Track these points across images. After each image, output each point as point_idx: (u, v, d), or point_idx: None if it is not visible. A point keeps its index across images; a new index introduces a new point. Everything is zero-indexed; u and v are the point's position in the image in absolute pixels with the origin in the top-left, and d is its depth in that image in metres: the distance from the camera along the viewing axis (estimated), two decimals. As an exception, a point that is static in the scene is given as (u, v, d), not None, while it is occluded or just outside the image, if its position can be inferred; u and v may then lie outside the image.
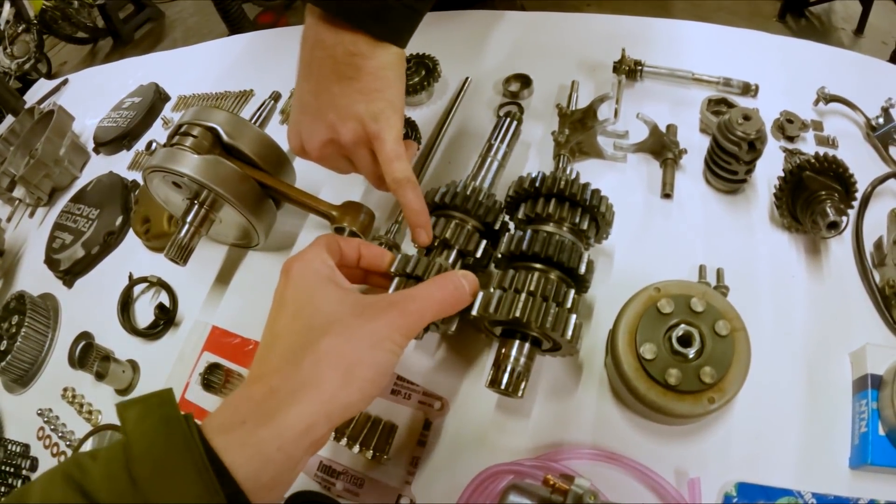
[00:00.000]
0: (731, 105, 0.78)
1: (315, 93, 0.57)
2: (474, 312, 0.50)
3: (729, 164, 0.67)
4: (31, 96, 1.61)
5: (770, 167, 0.70)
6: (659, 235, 0.69)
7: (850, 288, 0.63)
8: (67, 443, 0.76)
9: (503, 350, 0.51)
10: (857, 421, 0.55)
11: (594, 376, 0.59)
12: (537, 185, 0.56)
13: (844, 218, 0.60)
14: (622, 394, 0.56)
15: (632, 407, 0.57)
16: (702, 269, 0.64)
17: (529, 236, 0.53)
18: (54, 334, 0.90)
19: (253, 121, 0.90)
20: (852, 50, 0.90)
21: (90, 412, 0.77)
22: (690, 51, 0.89)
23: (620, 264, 0.67)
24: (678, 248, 0.67)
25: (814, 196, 0.62)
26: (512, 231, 0.57)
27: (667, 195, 0.71)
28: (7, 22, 5.04)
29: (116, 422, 0.72)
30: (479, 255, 0.57)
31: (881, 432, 0.52)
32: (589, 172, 0.74)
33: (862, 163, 0.70)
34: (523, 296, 0.49)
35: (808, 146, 0.75)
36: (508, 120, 0.70)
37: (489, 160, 0.67)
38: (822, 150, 0.65)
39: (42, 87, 1.64)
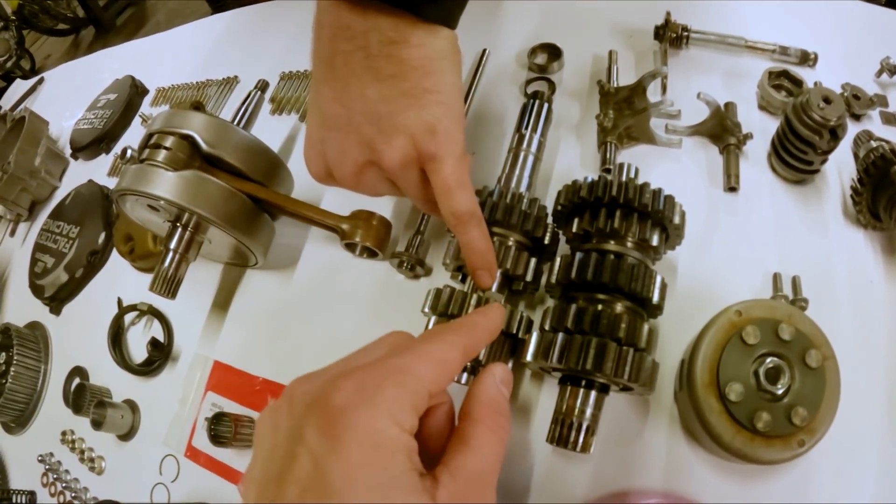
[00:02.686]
0: (793, 79, 0.69)
1: (342, 100, 0.44)
2: (528, 358, 0.43)
3: (805, 154, 0.59)
4: (8, 99, 1.56)
5: (843, 152, 0.62)
6: (726, 237, 0.61)
7: None
8: (73, 493, 0.73)
9: (567, 402, 0.44)
10: None
11: (663, 410, 0.53)
12: (599, 193, 0.47)
13: None
14: (698, 434, 0.49)
15: (708, 447, 0.50)
16: (776, 278, 0.57)
17: (595, 261, 0.45)
18: (47, 368, 0.86)
19: (236, 120, 0.81)
20: None
21: (92, 459, 0.73)
22: (738, 12, 0.79)
23: (686, 274, 0.59)
24: (748, 252, 0.59)
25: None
26: (568, 252, 0.49)
27: (731, 188, 0.63)
28: (-17, 22, 4.92)
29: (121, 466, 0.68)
30: (529, 278, 0.49)
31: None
32: (639, 161, 0.63)
33: None
34: (593, 340, 0.41)
35: (875, 124, 0.66)
36: (538, 103, 0.61)
37: (522, 155, 0.57)
38: (890, 137, 0.59)
39: (19, 87, 1.58)
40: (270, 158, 0.66)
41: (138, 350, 0.77)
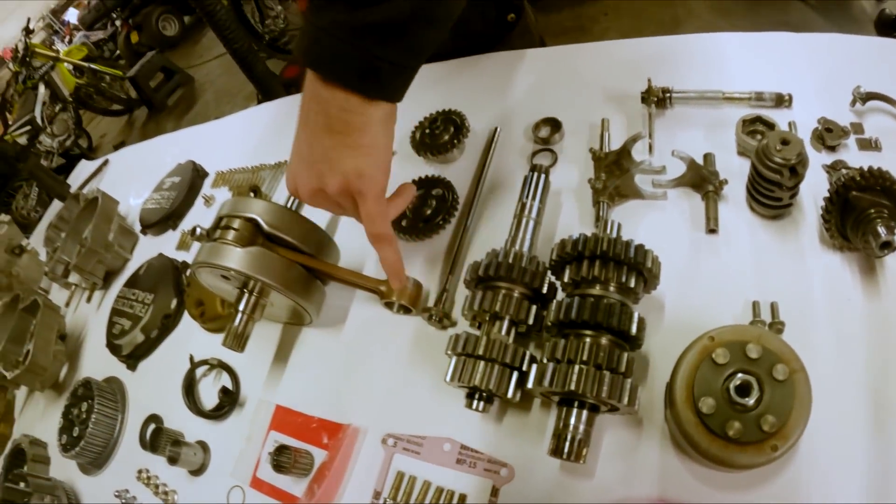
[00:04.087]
0: (766, 123, 0.79)
1: (309, 143, 0.63)
2: (529, 385, 0.54)
3: (772, 192, 0.68)
4: (75, 179, 1.79)
5: (814, 183, 0.70)
6: (708, 274, 0.70)
7: None
8: (150, 526, 0.84)
9: (562, 419, 0.55)
10: None
11: (656, 428, 0.62)
12: (580, 248, 0.60)
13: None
14: (685, 446, 0.58)
15: (695, 458, 0.59)
16: (755, 305, 0.65)
17: (577, 304, 0.57)
18: (123, 417, 0.99)
19: (290, 202, 0.98)
20: (872, 13, 0.89)
21: (166, 493, 0.85)
22: (717, 65, 0.90)
23: (672, 309, 0.69)
24: (729, 285, 0.68)
25: (863, 215, 0.61)
26: (560, 297, 0.61)
27: (712, 230, 0.72)
28: (44, 103, 5.52)
29: (192, 499, 0.81)
30: (531, 322, 0.61)
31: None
32: (630, 214, 0.77)
33: None
34: (577, 367, 0.53)
35: (851, 152, 0.74)
36: (536, 175, 0.75)
37: (524, 220, 0.71)
38: (866, 162, 0.63)
39: (84, 168, 1.80)
40: (320, 234, 0.82)
41: (208, 398, 0.90)
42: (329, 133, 0.61)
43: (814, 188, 0.71)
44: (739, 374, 0.56)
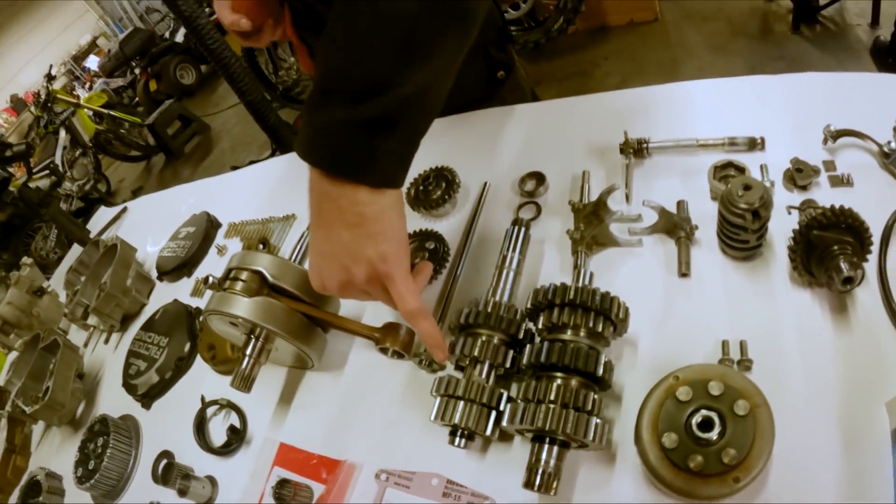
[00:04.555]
0: (737, 167, 0.84)
1: (328, 239, 0.66)
2: (504, 423, 0.60)
3: (738, 235, 0.72)
4: (94, 225, 1.89)
5: (785, 223, 0.74)
6: (680, 316, 0.75)
7: (880, 334, 0.65)
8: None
9: (534, 454, 0.61)
10: None
11: (628, 464, 0.66)
12: (550, 297, 0.67)
13: (860, 271, 0.63)
14: (653, 480, 0.63)
15: (664, 491, 0.62)
16: (725, 344, 0.69)
17: (547, 348, 0.63)
18: (137, 452, 1.05)
19: (294, 256, 1.05)
20: (868, 41, 0.94)
21: None
22: (695, 112, 0.97)
23: (646, 350, 0.74)
24: (700, 325, 0.73)
25: (827, 252, 0.65)
26: (535, 341, 0.67)
27: (684, 274, 0.78)
28: (64, 148, 5.74)
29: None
30: (507, 365, 0.67)
31: (921, 482, 0.52)
32: (607, 262, 0.84)
33: (881, 194, 0.75)
34: (546, 406, 0.59)
35: (823, 190, 0.79)
36: (516, 228, 0.82)
37: (505, 272, 0.78)
38: (838, 199, 0.68)
39: (103, 215, 1.90)
40: (320, 286, 0.88)
41: (217, 435, 0.96)
42: (345, 227, 0.63)
43: (784, 228, 0.73)
44: (702, 411, 0.60)
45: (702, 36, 3.66)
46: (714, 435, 0.59)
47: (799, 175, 0.80)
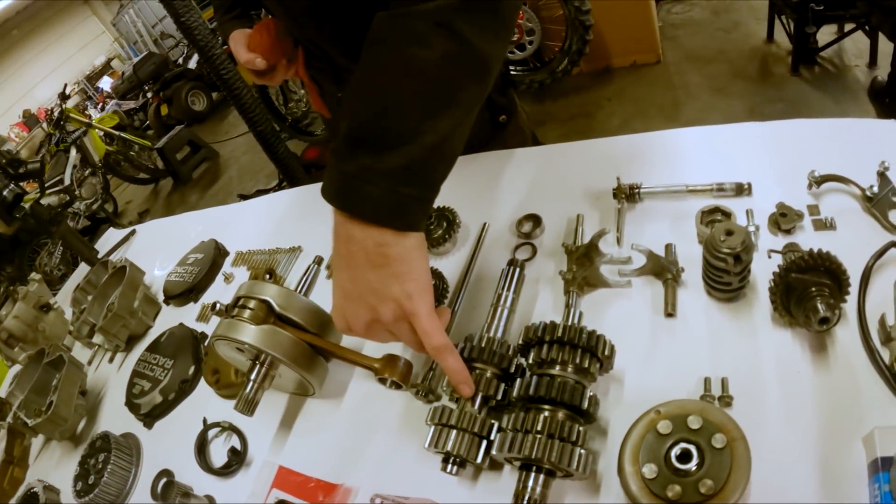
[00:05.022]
0: (724, 212, 0.89)
1: (353, 280, 0.69)
2: (493, 452, 0.64)
3: (721, 278, 0.76)
4: (102, 245, 1.93)
5: (768, 266, 0.77)
6: (665, 353, 0.80)
7: (858, 372, 0.68)
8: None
9: (521, 481, 0.65)
10: None
11: (612, 494, 0.69)
12: (540, 334, 0.71)
13: (837, 312, 0.67)
14: None
15: None
16: (707, 381, 0.73)
17: (536, 382, 0.68)
18: (137, 470, 1.08)
19: (300, 288, 1.10)
20: (866, 82, 0.98)
21: None
22: (687, 158, 1.03)
23: (631, 386, 0.78)
24: (684, 363, 0.77)
25: (805, 294, 0.68)
26: (526, 375, 0.72)
27: (669, 314, 0.82)
28: (74, 167, 5.84)
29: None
30: (499, 397, 0.72)
31: (897, 515, 0.53)
32: (598, 302, 0.88)
33: (863, 236, 0.78)
34: (531, 436, 0.63)
35: (807, 234, 0.83)
36: (511, 269, 0.87)
37: (500, 310, 0.83)
38: (821, 242, 0.72)
39: (112, 236, 1.95)
40: (323, 316, 0.93)
41: (218, 457, 0.99)
42: (371, 268, 0.66)
43: (766, 271, 0.76)
44: (681, 444, 0.64)
45: (703, 78, 3.76)
46: (692, 466, 0.62)
47: (783, 219, 0.84)
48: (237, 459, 0.96)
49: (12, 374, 1.43)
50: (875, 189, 0.81)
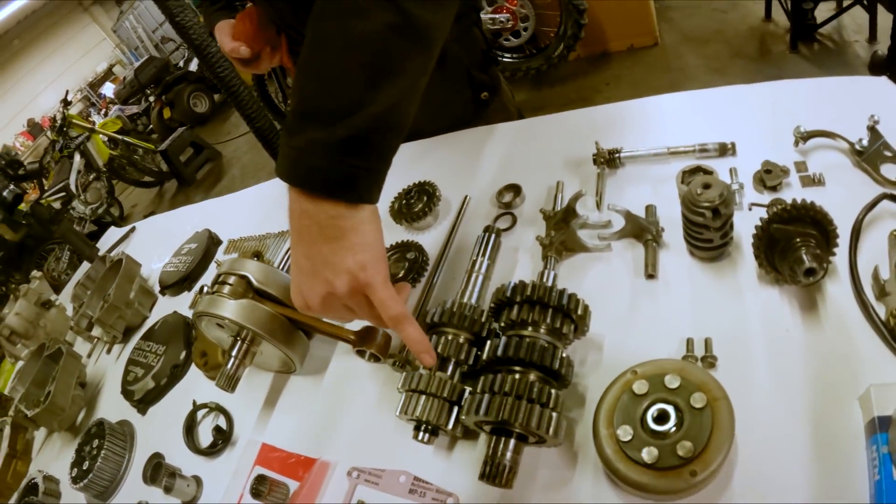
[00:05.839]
0: (706, 172, 0.86)
1: (308, 255, 0.68)
2: (463, 415, 0.62)
3: (701, 234, 0.73)
4: (104, 243, 1.95)
5: (755, 223, 0.71)
6: (646, 316, 0.77)
7: (852, 329, 0.64)
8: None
9: (491, 446, 0.63)
10: (870, 469, 0.53)
11: (589, 462, 0.67)
12: (510, 294, 0.69)
13: (825, 264, 0.63)
14: (611, 476, 0.63)
15: (624, 488, 0.62)
16: (689, 342, 0.70)
17: (506, 342, 0.66)
18: (130, 456, 1.09)
19: (281, 265, 1.09)
20: (866, 57, 0.95)
21: None
22: (671, 124, 1.00)
23: (611, 350, 0.76)
24: (666, 325, 0.74)
25: (789, 245, 0.65)
26: (497, 337, 0.69)
27: (650, 276, 0.79)
28: (78, 172, 5.87)
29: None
30: (471, 362, 0.70)
31: (896, 478, 0.49)
32: (576, 267, 0.86)
33: (854, 191, 0.75)
34: (499, 398, 0.61)
35: (794, 191, 0.80)
36: (486, 235, 0.86)
37: (474, 276, 0.81)
38: (807, 195, 0.69)
39: (113, 234, 1.97)
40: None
41: (206, 439, 0.99)
42: (325, 241, 0.66)
43: (751, 229, 0.72)
44: (658, 404, 0.60)
45: (701, 59, 3.70)
46: (670, 427, 0.59)
47: (768, 176, 0.81)
48: (222, 437, 0.95)
49: (16, 371, 1.43)
50: (864, 142, 0.78)
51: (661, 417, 0.60)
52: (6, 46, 11.22)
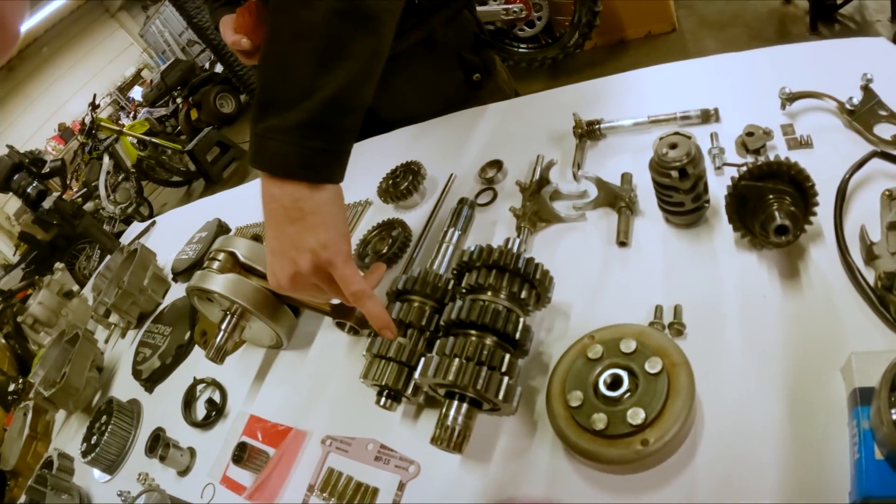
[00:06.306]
0: (684, 136, 0.83)
1: (277, 237, 0.71)
2: (416, 376, 0.63)
3: (671, 197, 0.71)
4: (126, 237, 2.07)
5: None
6: (616, 284, 0.75)
7: (837, 294, 0.60)
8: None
9: (445, 411, 0.63)
10: (850, 447, 0.49)
11: (547, 431, 0.64)
12: (472, 258, 0.69)
13: (799, 224, 0.60)
14: (564, 444, 0.60)
15: (579, 459, 0.60)
16: (658, 309, 0.68)
17: (464, 305, 0.66)
18: (136, 431, 1.14)
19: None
20: (889, 36, 0.91)
21: (151, 486, 0.97)
22: (654, 95, 0.98)
23: (577, 318, 0.75)
24: (636, 293, 0.72)
25: (760, 202, 0.62)
26: (457, 301, 0.70)
27: (622, 243, 0.78)
28: (108, 173, 6.02)
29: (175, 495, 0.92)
30: (432, 328, 0.71)
31: (878, 456, 0.45)
32: (550, 238, 0.86)
33: (844, 152, 0.71)
34: (457, 361, 0.61)
35: (781, 153, 0.75)
36: (459, 206, 0.86)
37: (444, 246, 0.83)
38: (793, 157, 0.64)
39: (135, 228, 2.08)
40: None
41: (203, 412, 1.03)
42: (290, 222, 0.69)
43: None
44: (611, 369, 0.58)
45: (720, 43, 3.61)
46: (622, 393, 0.56)
47: (750, 139, 0.78)
48: (215, 409, 0.99)
49: (39, 359, 1.50)
50: (856, 101, 0.74)
51: (615, 384, 0.58)
52: (35, 54, 11.52)
